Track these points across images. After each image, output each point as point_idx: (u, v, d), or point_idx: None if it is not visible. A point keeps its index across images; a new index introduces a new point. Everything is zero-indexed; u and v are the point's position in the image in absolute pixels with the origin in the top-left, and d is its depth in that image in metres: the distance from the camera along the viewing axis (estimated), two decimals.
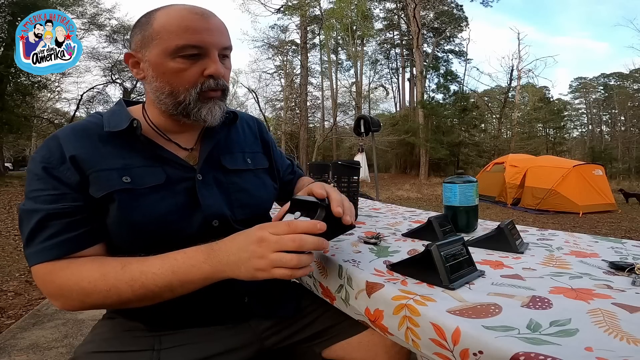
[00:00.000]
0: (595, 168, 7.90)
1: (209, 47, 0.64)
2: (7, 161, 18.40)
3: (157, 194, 0.64)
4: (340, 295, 0.62)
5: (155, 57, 0.64)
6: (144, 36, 0.65)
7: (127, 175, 0.63)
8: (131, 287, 0.56)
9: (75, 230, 0.60)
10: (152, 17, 0.65)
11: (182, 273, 0.56)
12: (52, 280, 0.58)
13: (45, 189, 0.60)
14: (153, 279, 0.56)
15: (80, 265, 0.58)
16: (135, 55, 0.68)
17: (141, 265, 0.57)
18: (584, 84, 32.11)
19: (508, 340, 0.37)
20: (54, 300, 0.60)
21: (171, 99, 0.66)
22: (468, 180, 0.93)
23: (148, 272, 0.56)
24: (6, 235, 4.46)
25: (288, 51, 24.02)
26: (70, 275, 0.57)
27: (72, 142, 0.62)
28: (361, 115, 5.47)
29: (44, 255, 0.58)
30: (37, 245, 0.58)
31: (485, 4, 22.79)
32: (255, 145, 0.84)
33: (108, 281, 0.56)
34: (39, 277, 0.59)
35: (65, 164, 0.61)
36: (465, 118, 20.83)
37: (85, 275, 0.57)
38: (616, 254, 0.73)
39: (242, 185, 0.74)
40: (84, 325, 1.98)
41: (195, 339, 0.67)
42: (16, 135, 15.20)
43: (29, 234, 0.59)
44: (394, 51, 27.85)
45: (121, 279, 0.56)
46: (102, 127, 0.66)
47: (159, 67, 0.65)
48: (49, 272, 0.58)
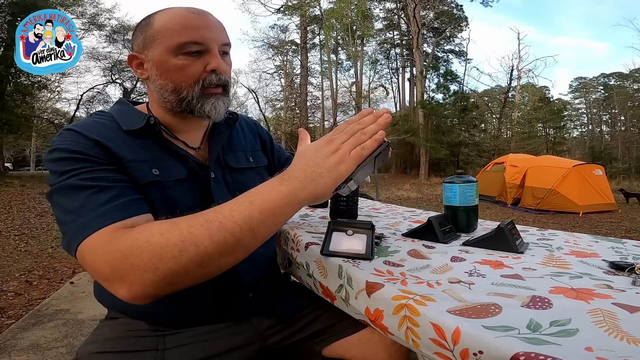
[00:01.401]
0: (595, 168, 7.91)
1: (209, 43, 0.66)
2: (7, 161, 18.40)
3: (181, 187, 0.66)
4: (340, 295, 0.62)
5: (158, 55, 0.66)
6: (145, 37, 0.67)
7: (155, 167, 0.64)
8: (208, 231, 0.47)
9: (133, 194, 0.57)
10: (151, 18, 0.68)
11: (260, 201, 0.50)
12: (115, 248, 0.47)
13: (84, 165, 0.56)
14: (231, 216, 0.49)
15: (147, 225, 0.51)
16: (138, 56, 0.69)
17: (216, 207, 0.51)
18: (584, 83, 32.13)
19: (508, 340, 0.37)
20: (118, 283, 0.47)
21: (175, 95, 0.67)
22: (468, 180, 0.93)
23: (224, 209, 0.50)
24: (6, 235, 4.46)
25: (288, 51, 24.05)
26: (138, 234, 0.48)
27: (92, 132, 0.61)
28: None
29: (106, 217, 0.51)
30: (93, 210, 0.51)
31: (485, 4, 22.80)
32: (255, 144, 0.87)
33: (181, 228, 0.48)
34: (97, 250, 0.48)
35: (97, 147, 0.59)
36: (465, 118, 20.85)
37: (155, 229, 0.49)
38: (616, 254, 0.73)
39: (245, 183, 0.76)
40: (84, 325, 1.98)
41: (199, 339, 0.68)
42: (16, 135, 15.20)
43: (81, 204, 0.52)
44: (394, 51, 27.88)
45: (195, 223, 0.48)
46: (116, 124, 0.66)
47: (162, 65, 0.66)
48: (110, 240, 0.48)
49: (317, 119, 26.53)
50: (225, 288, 0.69)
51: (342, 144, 0.53)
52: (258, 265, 0.77)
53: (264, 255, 0.83)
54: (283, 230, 0.94)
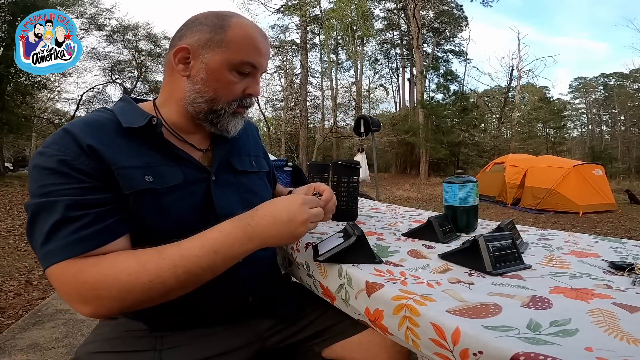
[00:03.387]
0: (595, 168, 7.90)
1: (259, 69, 0.70)
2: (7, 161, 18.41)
3: (176, 193, 0.64)
4: (340, 295, 0.62)
5: (215, 63, 0.65)
6: (211, 38, 0.65)
7: (149, 174, 0.62)
8: (174, 274, 0.53)
9: (106, 220, 0.55)
10: (227, 23, 0.66)
11: (224, 251, 0.56)
12: (83, 279, 0.51)
13: (66, 182, 0.54)
14: (196, 262, 0.54)
15: (113, 259, 0.53)
16: (193, 52, 0.65)
17: (179, 249, 0.55)
18: (584, 83, 32.12)
19: (508, 340, 0.37)
20: (84, 305, 0.52)
21: (208, 105, 0.67)
22: (468, 180, 0.93)
23: (189, 255, 0.54)
24: (6, 235, 4.46)
25: (288, 51, 24.02)
26: (106, 270, 0.51)
27: (87, 134, 0.58)
28: (361, 115, 5.47)
29: (72, 249, 0.52)
30: (61, 239, 0.52)
31: (485, 4, 22.79)
32: (258, 150, 0.86)
33: (150, 271, 0.52)
34: (65, 277, 0.51)
35: (84, 155, 0.56)
36: (465, 118, 20.84)
37: (123, 267, 0.52)
38: (616, 253, 0.73)
39: (249, 186, 0.76)
40: (84, 325, 1.98)
41: (197, 339, 0.67)
42: (16, 135, 15.20)
43: (51, 228, 0.52)
44: (394, 51, 27.87)
45: (162, 266, 0.53)
46: (115, 122, 0.63)
47: (214, 73, 0.65)
48: (78, 270, 0.51)
49: (317, 119, 26.56)
50: (226, 292, 0.68)
51: (308, 213, 0.61)
52: (259, 269, 0.76)
53: (265, 258, 0.82)
54: None
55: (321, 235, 0.84)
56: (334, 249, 0.65)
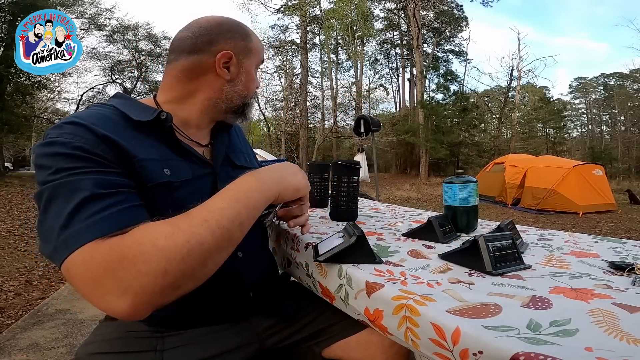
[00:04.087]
0: (595, 168, 7.90)
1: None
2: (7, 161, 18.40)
3: (188, 188, 0.65)
4: (339, 295, 0.62)
5: (250, 67, 0.74)
6: (246, 46, 0.73)
7: (166, 167, 0.62)
8: (210, 229, 0.49)
9: (136, 201, 0.53)
10: (247, 31, 0.75)
11: (245, 199, 0.56)
12: (120, 255, 0.44)
13: (87, 165, 0.50)
14: (223, 214, 0.51)
15: (144, 227, 0.48)
16: (235, 57, 0.71)
17: (204, 207, 0.52)
18: (584, 84, 32.12)
19: (508, 340, 0.37)
20: (120, 295, 0.43)
21: (242, 100, 0.75)
22: (468, 180, 0.93)
23: (215, 208, 0.52)
24: (6, 235, 4.46)
25: (288, 51, 24.03)
26: (140, 239, 0.45)
27: (99, 125, 0.55)
28: (361, 115, 5.47)
29: (105, 227, 0.46)
30: (88, 218, 0.46)
31: (485, 4, 22.81)
32: (248, 148, 0.90)
33: (184, 230, 0.47)
34: (95, 260, 0.43)
35: (103, 144, 0.54)
36: (465, 118, 20.85)
37: (158, 231, 0.47)
38: (616, 254, 0.73)
39: None
40: (84, 325, 1.98)
41: (198, 339, 0.67)
42: (16, 135, 15.21)
43: (75, 208, 0.46)
44: (394, 51, 27.88)
45: (195, 223, 0.49)
46: (120, 115, 0.61)
47: (249, 75, 0.74)
48: (111, 247, 0.44)
49: (317, 119, 26.57)
50: (227, 288, 0.69)
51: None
52: (259, 265, 0.77)
53: (264, 254, 0.83)
54: (283, 230, 0.94)
55: (321, 235, 0.84)
56: (334, 249, 0.65)
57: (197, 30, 0.70)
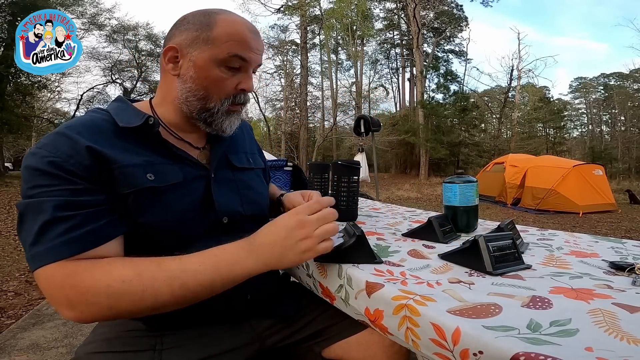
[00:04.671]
0: (595, 168, 7.90)
1: (251, 63, 0.68)
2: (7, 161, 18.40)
3: (177, 192, 0.64)
4: (340, 295, 0.62)
5: (202, 60, 0.65)
6: (198, 36, 0.65)
7: (150, 172, 0.62)
8: (170, 287, 0.52)
9: (96, 222, 0.54)
10: (213, 20, 0.65)
11: (226, 270, 0.54)
12: (73, 283, 0.50)
13: (56, 183, 0.54)
14: (194, 277, 0.53)
15: (108, 265, 0.52)
16: (180, 50, 0.66)
17: (179, 263, 0.54)
18: (584, 84, 32.11)
19: (508, 340, 0.37)
20: (69, 310, 0.50)
21: (201, 103, 0.67)
22: (468, 180, 0.93)
23: (188, 269, 0.53)
24: (6, 235, 4.46)
25: (288, 51, 24.02)
26: (99, 276, 0.50)
27: (84, 134, 0.58)
28: (361, 115, 5.47)
29: (60, 251, 0.50)
30: (51, 240, 0.51)
31: (485, 4, 22.80)
32: (253, 147, 0.88)
33: (144, 280, 0.51)
34: (54, 280, 0.50)
35: (79, 155, 0.55)
36: (465, 118, 20.84)
37: (117, 274, 0.51)
38: (616, 254, 0.73)
39: (248, 183, 0.77)
40: (84, 325, 1.97)
41: (197, 339, 0.67)
42: (16, 135, 15.21)
43: (40, 229, 0.51)
44: (394, 51, 27.88)
45: (158, 277, 0.51)
46: (111, 122, 0.63)
47: (202, 71, 0.65)
48: (70, 273, 0.50)
49: (317, 119, 26.56)
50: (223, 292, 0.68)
51: (314, 231, 0.57)
52: None
53: None
54: None
55: None
56: (334, 249, 0.65)
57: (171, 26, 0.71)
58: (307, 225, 0.56)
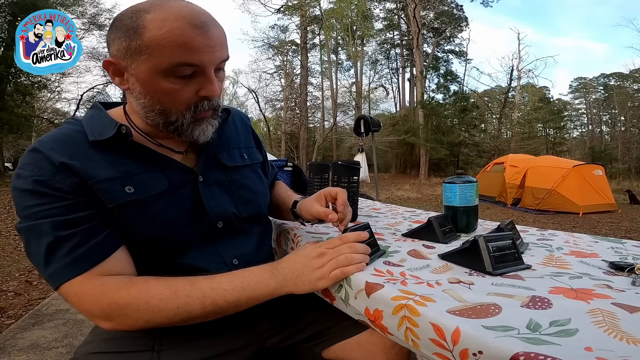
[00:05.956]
0: (595, 168, 7.90)
1: (206, 65, 0.58)
2: (7, 161, 18.38)
3: (163, 200, 0.62)
4: (339, 295, 0.62)
5: (144, 74, 0.56)
6: (129, 46, 0.55)
7: (129, 185, 0.59)
8: (202, 304, 0.57)
9: (96, 237, 0.56)
10: (140, 22, 0.55)
11: (251, 289, 0.59)
12: (111, 301, 0.54)
13: (46, 202, 0.54)
14: (223, 295, 0.58)
15: (145, 283, 0.57)
16: (117, 63, 0.58)
17: (210, 282, 0.58)
18: (584, 84, 32.11)
19: (508, 340, 0.37)
20: (106, 322, 0.55)
21: (162, 117, 0.61)
22: (468, 180, 0.93)
23: (218, 288, 0.58)
24: (6, 235, 4.46)
25: (288, 51, 24.03)
26: (136, 294, 0.55)
27: (57, 151, 0.56)
28: (361, 116, 5.47)
29: (75, 268, 0.54)
30: (61, 260, 0.53)
31: (485, 4, 22.83)
32: (249, 140, 0.84)
33: (180, 298, 0.56)
34: (86, 297, 0.54)
35: (59, 174, 0.55)
36: (465, 118, 20.83)
37: (155, 292, 0.56)
38: (616, 254, 0.73)
39: (242, 182, 0.75)
40: (84, 325, 1.97)
41: (196, 340, 0.67)
42: (16, 135, 15.19)
43: (47, 251, 0.53)
44: (394, 51, 27.84)
45: (192, 295, 0.57)
46: (85, 134, 0.60)
47: (148, 85, 0.57)
48: (104, 292, 0.54)
49: (317, 119, 26.56)
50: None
51: (328, 262, 0.61)
52: None
53: (263, 258, 0.82)
54: (283, 230, 0.94)
55: (321, 236, 0.84)
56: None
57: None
58: (325, 256, 0.61)
